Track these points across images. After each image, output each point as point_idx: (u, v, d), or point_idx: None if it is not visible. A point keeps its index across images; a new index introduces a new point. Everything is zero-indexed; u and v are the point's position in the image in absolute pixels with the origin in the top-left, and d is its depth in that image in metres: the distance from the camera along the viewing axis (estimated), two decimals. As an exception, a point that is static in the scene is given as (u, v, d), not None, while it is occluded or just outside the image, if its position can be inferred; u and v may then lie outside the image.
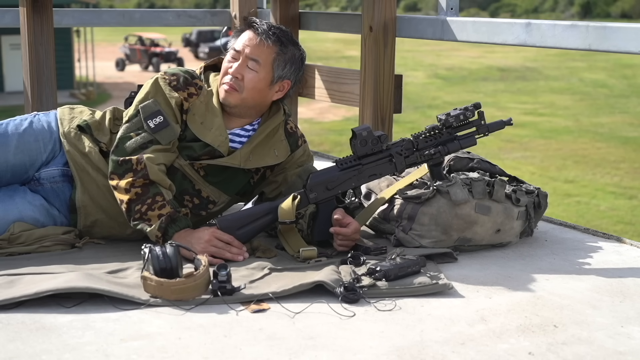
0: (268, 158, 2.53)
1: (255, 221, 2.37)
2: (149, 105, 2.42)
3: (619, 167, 13.28)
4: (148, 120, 2.40)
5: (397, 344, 1.78)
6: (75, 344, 1.74)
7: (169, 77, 2.48)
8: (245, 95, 2.46)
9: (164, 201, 2.33)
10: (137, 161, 2.34)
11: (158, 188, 2.34)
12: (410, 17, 3.36)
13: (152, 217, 2.32)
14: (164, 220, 2.31)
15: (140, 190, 2.33)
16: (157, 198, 2.33)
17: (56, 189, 2.46)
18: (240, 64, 2.46)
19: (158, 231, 2.31)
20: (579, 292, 2.14)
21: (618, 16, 42.43)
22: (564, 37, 2.72)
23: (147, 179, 2.33)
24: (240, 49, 2.46)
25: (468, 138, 2.49)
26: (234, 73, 2.45)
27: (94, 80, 21.51)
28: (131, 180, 2.33)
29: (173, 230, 2.31)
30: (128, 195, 2.33)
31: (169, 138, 2.40)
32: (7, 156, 2.43)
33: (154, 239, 2.32)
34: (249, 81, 2.45)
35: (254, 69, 2.45)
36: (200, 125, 2.44)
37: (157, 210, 2.32)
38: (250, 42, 2.46)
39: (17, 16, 3.65)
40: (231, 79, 2.45)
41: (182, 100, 2.45)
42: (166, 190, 2.36)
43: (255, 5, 4.20)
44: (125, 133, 2.41)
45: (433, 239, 2.41)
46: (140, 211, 2.32)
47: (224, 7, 11.50)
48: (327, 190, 2.40)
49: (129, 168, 2.34)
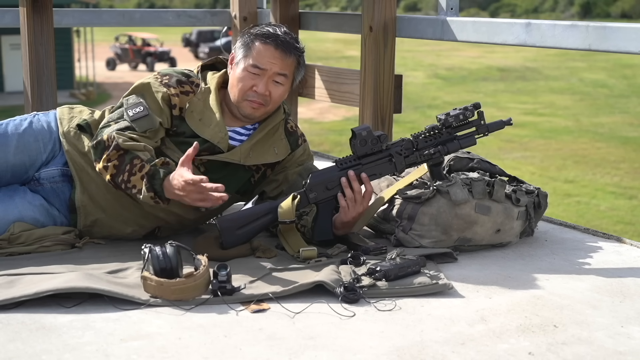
0: (268, 155, 2.53)
1: (256, 221, 2.37)
2: (132, 97, 2.45)
3: (619, 167, 13.28)
4: (128, 109, 2.41)
5: (397, 344, 1.78)
6: (75, 344, 1.74)
7: (160, 76, 2.50)
8: (270, 107, 2.50)
9: (141, 162, 2.30)
10: (107, 138, 2.34)
11: (133, 153, 2.32)
12: (410, 17, 3.36)
13: (137, 182, 2.30)
14: (146, 181, 2.28)
15: (117, 162, 2.32)
16: (134, 161, 2.30)
17: (56, 188, 2.47)
18: (266, 81, 2.45)
19: (148, 192, 2.28)
20: (579, 292, 2.14)
21: (618, 16, 42.42)
22: (564, 37, 2.72)
23: (119, 149, 2.32)
24: (266, 68, 2.45)
25: (468, 138, 2.49)
26: (264, 92, 2.45)
27: (94, 80, 21.51)
28: (106, 156, 2.32)
29: (158, 185, 2.27)
30: (109, 172, 2.33)
31: (146, 126, 2.39)
32: (7, 156, 2.43)
33: (152, 202, 2.29)
34: (278, 96, 2.48)
35: (282, 83, 2.48)
36: (199, 122, 2.45)
37: (138, 173, 2.29)
38: (275, 59, 2.45)
39: (17, 16, 3.65)
40: (259, 97, 2.46)
41: (170, 96, 2.45)
42: (142, 152, 2.33)
43: (255, 5, 4.19)
44: (106, 122, 2.42)
45: (433, 239, 2.41)
46: (124, 181, 2.31)
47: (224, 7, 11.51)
48: (326, 190, 2.40)
49: (102, 147, 2.34)
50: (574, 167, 13.31)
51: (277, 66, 2.46)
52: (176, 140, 2.46)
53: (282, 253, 2.38)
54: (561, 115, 18.10)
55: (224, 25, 4.42)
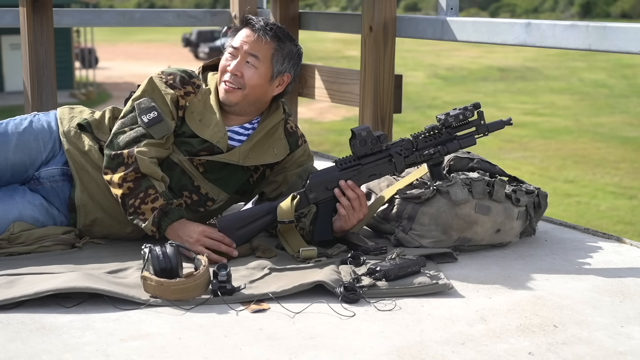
0: (267, 156, 2.53)
1: (255, 221, 2.37)
2: (144, 101, 2.44)
3: (619, 167, 13.28)
4: (142, 115, 2.41)
5: (397, 344, 1.78)
6: (75, 344, 1.74)
7: (165, 76, 2.49)
8: (247, 91, 2.47)
9: (156, 194, 2.33)
10: (128, 155, 2.35)
11: (150, 181, 2.34)
12: (410, 17, 3.36)
13: (146, 211, 2.33)
14: (157, 215, 2.32)
15: (133, 185, 2.33)
16: (149, 191, 2.33)
17: (56, 188, 2.47)
18: (239, 61, 2.46)
19: (152, 226, 2.33)
20: (579, 292, 2.14)
21: (618, 16, 42.42)
22: (564, 37, 2.72)
23: (138, 172, 2.34)
24: (238, 46, 2.47)
25: (467, 138, 2.49)
26: (233, 70, 2.46)
27: (94, 80, 21.51)
28: (123, 174, 2.34)
29: (166, 224, 2.32)
30: (121, 190, 2.35)
31: (162, 132, 2.40)
32: (7, 155, 2.44)
33: (150, 234, 2.34)
34: (250, 78, 2.45)
35: (254, 64, 2.46)
36: (199, 123, 2.45)
37: (150, 204, 2.32)
38: (248, 38, 2.46)
39: (17, 16, 3.65)
40: (231, 77, 2.46)
41: (178, 97, 2.46)
42: (159, 182, 2.36)
43: (255, 5, 4.20)
44: (120, 128, 2.42)
45: (433, 239, 2.41)
46: (134, 205, 2.33)
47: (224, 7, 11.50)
48: (326, 191, 2.40)
49: (120, 162, 2.35)
50: (574, 167, 13.31)
51: (248, 45, 2.45)
52: (177, 140, 2.46)
53: (282, 253, 2.38)
54: (561, 115, 18.10)
55: (224, 25, 4.42)
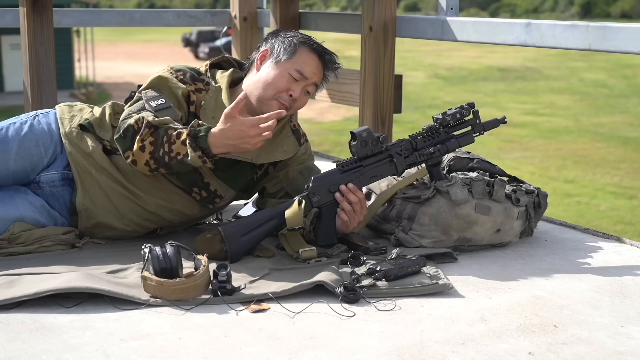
0: (277, 154, 2.54)
1: (260, 227, 2.35)
2: (150, 92, 2.42)
3: (619, 167, 13.27)
4: (150, 101, 2.39)
5: (397, 344, 1.78)
6: (75, 344, 1.74)
7: (174, 72, 2.48)
8: (290, 112, 2.51)
9: (176, 130, 2.28)
10: (135, 122, 2.31)
11: (164, 126, 2.30)
12: (410, 17, 3.37)
13: (179, 149, 2.26)
14: (190, 141, 2.24)
15: (152, 138, 2.29)
16: (169, 132, 2.28)
17: (55, 192, 2.45)
18: (303, 87, 2.48)
19: (195, 152, 2.24)
20: (579, 292, 2.14)
21: (618, 16, 42.40)
22: (564, 37, 2.72)
23: (150, 127, 2.29)
24: (308, 77, 2.48)
25: (466, 136, 2.50)
26: (296, 97, 2.47)
27: (94, 80, 21.50)
28: (139, 137, 2.29)
29: (203, 141, 2.23)
30: (147, 151, 2.29)
31: (169, 117, 2.38)
32: (7, 163, 2.41)
33: (199, 162, 2.25)
34: (302, 103, 2.51)
35: (311, 92, 2.52)
36: (212, 120, 2.44)
37: (177, 140, 2.26)
38: (318, 70, 2.51)
39: (17, 16, 3.65)
40: (288, 100, 2.47)
41: (189, 92, 2.45)
42: (172, 123, 2.31)
43: (255, 5, 4.20)
44: (126, 115, 2.38)
45: (433, 239, 2.41)
46: (166, 152, 2.28)
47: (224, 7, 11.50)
48: (329, 193, 2.39)
49: (132, 133, 2.31)
50: (574, 167, 13.31)
51: (317, 77, 2.51)
52: None
53: (282, 253, 2.38)
54: (561, 115, 18.09)
55: (224, 25, 4.43)
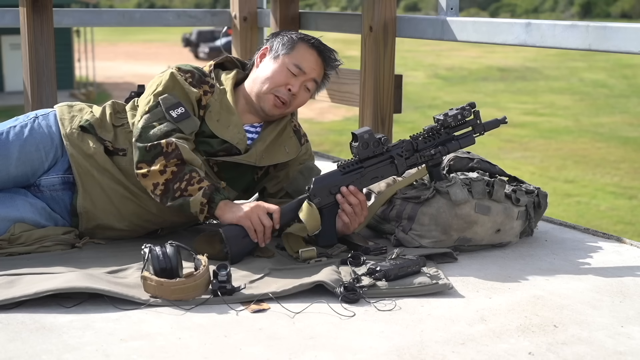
0: (279, 155, 2.55)
1: None
2: (168, 97, 2.41)
3: (619, 167, 13.27)
4: (170, 110, 2.39)
5: (397, 344, 1.78)
6: (75, 344, 1.74)
7: (184, 74, 2.47)
8: (290, 109, 2.53)
9: (200, 177, 2.31)
10: (167, 144, 2.32)
11: (192, 167, 2.32)
12: (410, 17, 3.36)
13: (193, 191, 2.29)
14: (207, 189, 2.28)
15: (176, 169, 2.30)
16: (193, 174, 2.31)
17: (56, 196, 2.45)
18: (301, 82, 2.50)
19: (203, 197, 2.28)
20: (579, 292, 2.14)
21: (618, 16, 42.38)
22: (564, 37, 2.72)
23: (180, 158, 2.31)
24: (307, 71, 2.50)
25: (467, 137, 2.49)
26: (294, 91, 2.49)
27: (94, 80, 21.50)
28: (164, 162, 2.30)
29: (220, 198, 2.29)
30: (164, 176, 2.30)
31: (190, 128, 2.40)
32: (8, 169, 2.40)
33: (198, 208, 2.28)
34: (302, 101, 2.54)
35: (309, 88, 2.54)
36: (217, 123, 2.44)
37: (197, 184, 2.29)
38: (317, 66, 2.53)
39: (17, 16, 3.65)
40: (287, 94, 2.49)
41: (201, 96, 2.46)
42: (200, 169, 2.35)
43: (255, 5, 4.20)
44: (148, 122, 2.37)
45: (433, 239, 2.41)
46: (180, 188, 2.29)
47: (224, 7, 11.49)
48: (330, 195, 2.39)
49: (158, 152, 2.31)
50: (574, 167, 13.31)
51: (316, 72, 2.52)
52: (196, 140, 2.45)
53: (282, 253, 2.38)
54: (561, 115, 18.09)
55: (224, 25, 4.43)
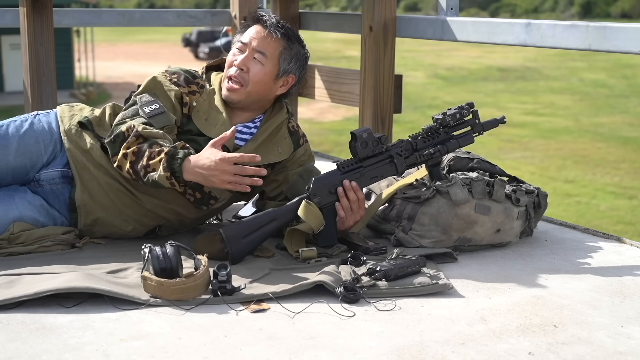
0: (272, 155, 2.54)
1: (261, 228, 2.34)
2: (146, 96, 2.44)
3: (619, 167, 13.27)
4: (144, 107, 2.41)
5: (397, 344, 1.78)
6: (75, 344, 1.74)
7: (169, 75, 2.50)
8: (250, 88, 2.48)
9: (160, 147, 2.28)
10: (127, 129, 2.33)
11: (152, 140, 2.31)
12: (410, 17, 3.37)
13: (156, 165, 2.26)
14: (165, 160, 2.24)
15: (136, 148, 2.30)
16: (153, 147, 2.28)
17: (55, 190, 2.46)
18: (246, 56, 2.48)
19: (164, 172, 2.24)
20: (579, 292, 2.14)
21: (618, 16, 42.38)
22: (564, 37, 2.72)
23: (138, 136, 2.31)
24: (247, 42, 2.49)
25: (466, 137, 2.50)
26: (239, 65, 2.47)
27: (94, 80, 21.50)
28: (125, 144, 2.31)
29: (177, 164, 2.24)
30: (128, 159, 2.30)
31: (162, 123, 2.39)
32: (7, 159, 2.42)
33: (167, 183, 2.25)
34: (255, 74, 2.47)
35: (260, 61, 2.48)
36: (205, 122, 2.45)
37: (157, 157, 2.26)
38: (258, 35, 2.49)
39: (17, 16, 3.65)
40: (236, 71, 2.47)
41: (182, 94, 2.46)
42: (161, 139, 2.32)
43: (255, 5, 4.19)
44: (121, 119, 2.41)
45: (433, 239, 2.41)
46: (144, 166, 2.28)
47: (224, 7, 11.49)
48: (330, 194, 2.39)
49: (121, 140, 2.33)
50: (574, 167, 13.31)
51: (257, 42, 2.48)
52: (184, 138, 2.45)
53: (282, 253, 2.38)
54: (561, 115, 18.09)
55: (224, 25, 4.42)
